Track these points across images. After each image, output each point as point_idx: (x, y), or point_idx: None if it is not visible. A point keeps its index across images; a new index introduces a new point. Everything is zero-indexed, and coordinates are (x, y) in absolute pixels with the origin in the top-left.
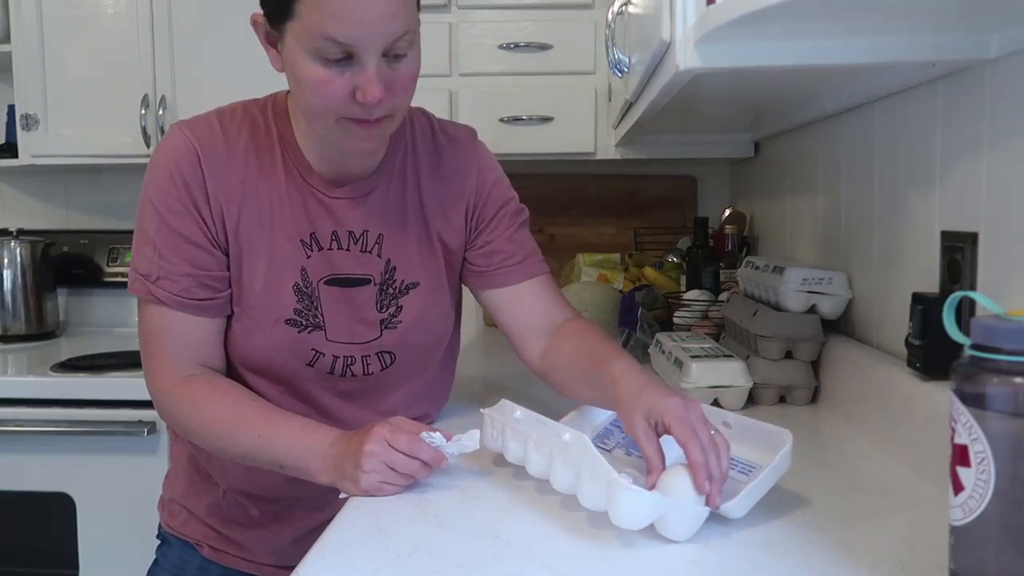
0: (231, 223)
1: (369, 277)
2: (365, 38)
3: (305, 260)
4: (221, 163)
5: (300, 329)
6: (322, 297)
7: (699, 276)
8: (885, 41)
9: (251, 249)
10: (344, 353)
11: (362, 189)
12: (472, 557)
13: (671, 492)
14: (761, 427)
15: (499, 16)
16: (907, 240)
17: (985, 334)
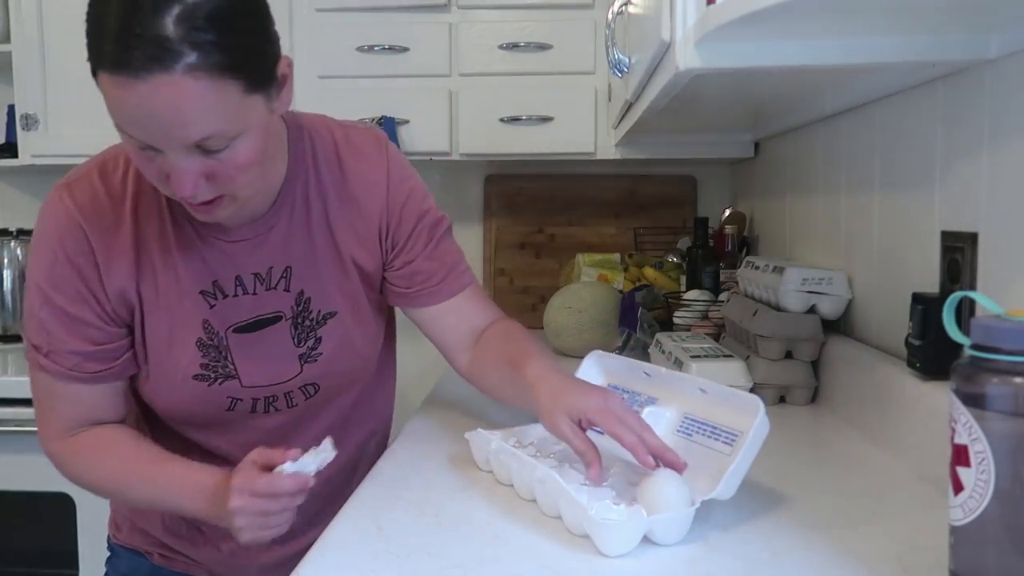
0: (129, 292)
1: (279, 314)
2: (154, 139)
3: (208, 311)
4: (108, 228)
5: (210, 383)
6: (232, 346)
7: (699, 276)
8: (885, 41)
9: (150, 310)
10: (264, 394)
11: (262, 228)
12: (472, 557)
13: (655, 499)
14: (734, 395)
15: (499, 16)
16: (907, 240)
17: (985, 334)
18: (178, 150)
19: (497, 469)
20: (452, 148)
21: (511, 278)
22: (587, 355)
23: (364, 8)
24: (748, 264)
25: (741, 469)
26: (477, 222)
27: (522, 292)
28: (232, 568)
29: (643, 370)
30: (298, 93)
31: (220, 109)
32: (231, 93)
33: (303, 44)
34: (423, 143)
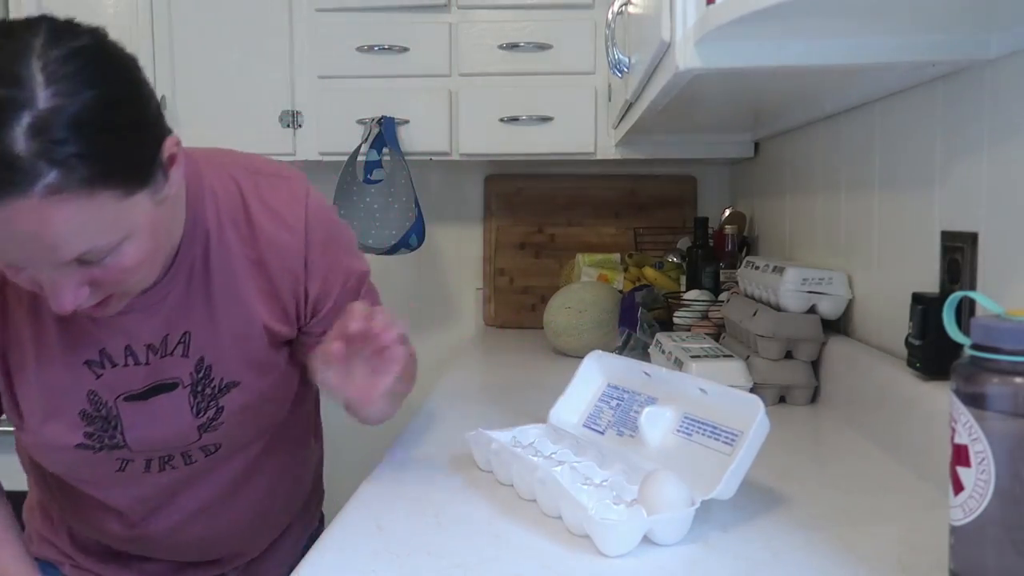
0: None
1: (176, 381)
2: (22, 264)
3: (94, 381)
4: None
5: (96, 451)
6: (122, 415)
7: (699, 276)
8: (885, 41)
9: (19, 380)
10: (158, 455)
11: (155, 296)
12: (472, 557)
13: (655, 499)
14: (734, 395)
15: (499, 16)
16: (907, 240)
17: (985, 334)
18: (50, 269)
19: (497, 469)
20: (452, 148)
21: (511, 278)
22: (587, 355)
23: (364, 8)
24: (748, 264)
25: (741, 469)
26: (477, 222)
27: (522, 292)
28: None
29: (643, 370)
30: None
31: (93, 225)
32: (106, 204)
33: (303, 44)
34: (423, 143)
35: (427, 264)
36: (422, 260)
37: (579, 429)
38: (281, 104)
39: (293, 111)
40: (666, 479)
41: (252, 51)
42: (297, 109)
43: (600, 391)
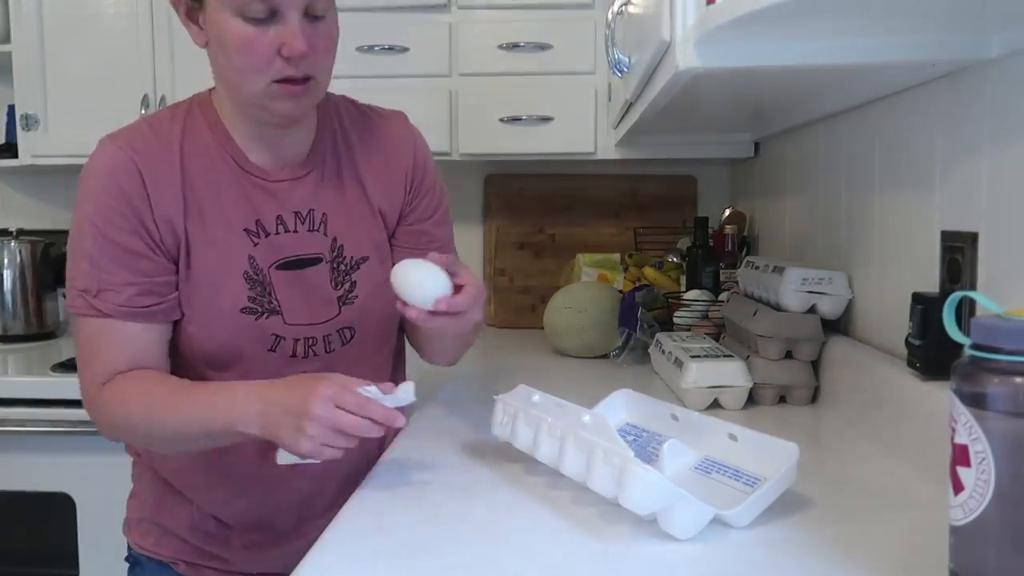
0: (176, 223)
1: (320, 256)
2: None
3: (252, 248)
4: (159, 167)
5: (257, 316)
6: (274, 283)
7: (699, 276)
8: (885, 41)
9: (198, 246)
10: (304, 335)
11: (300, 170)
12: (472, 557)
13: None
14: (768, 441)
15: (499, 16)
16: (907, 240)
17: (985, 334)
18: (297, 9)
19: (523, 429)
20: (452, 148)
21: (511, 278)
22: (616, 391)
23: (364, 8)
24: (748, 264)
25: (761, 503)
26: (477, 222)
27: (522, 292)
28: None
29: (671, 412)
30: None
31: None
32: None
33: None
34: None
35: None
36: None
37: None
38: None
39: None
40: (421, 266)
41: None
42: None
43: (617, 425)
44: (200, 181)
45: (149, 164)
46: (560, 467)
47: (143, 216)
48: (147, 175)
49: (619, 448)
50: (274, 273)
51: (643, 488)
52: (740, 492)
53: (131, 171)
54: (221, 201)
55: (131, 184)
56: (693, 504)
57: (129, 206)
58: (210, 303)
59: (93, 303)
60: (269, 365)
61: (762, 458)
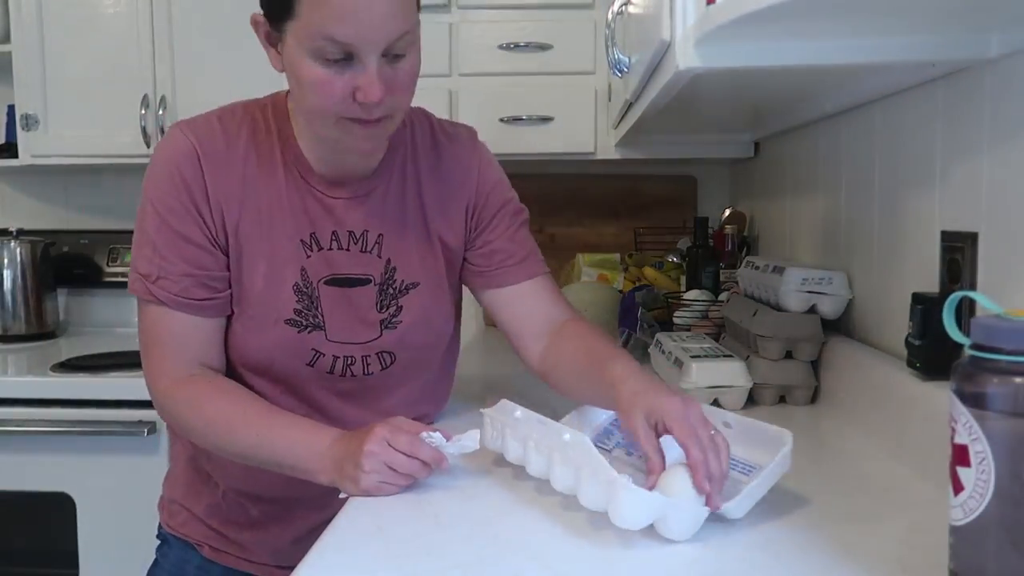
0: (231, 223)
1: (369, 277)
2: (365, 38)
3: (305, 260)
4: (221, 163)
5: (300, 329)
6: (322, 297)
7: (699, 276)
8: (885, 41)
9: (251, 249)
10: (344, 353)
11: (362, 189)
12: (472, 557)
13: (670, 491)
14: (761, 428)
15: (499, 16)
16: (907, 240)
17: (985, 334)
18: (375, 53)
19: (512, 443)
20: None
21: None
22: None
23: None
24: (748, 264)
25: (757, 492)
26: None
27: None
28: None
29: None
30: None
31: (411, 7)
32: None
33: None
34: None
35: None
36: None
37: None
38: None
39: None
40: (686, 473)
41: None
42: None
43: (610, 419)
44: (260, 185)
45: (212, 160)
46: (552, 482)
47: (201, 208)
48: (208, 170)
49: (603, 469)
50: (322, 287)
51: (631, 507)
52: (736, 481)
53: (194, 163)
54: (280, 209)
55: (192, 175)
56: (685, 508)
57: (189, 196)
58: (257, 308)
59: (152, 289)
60: (304, 378)
61: (756, 445)
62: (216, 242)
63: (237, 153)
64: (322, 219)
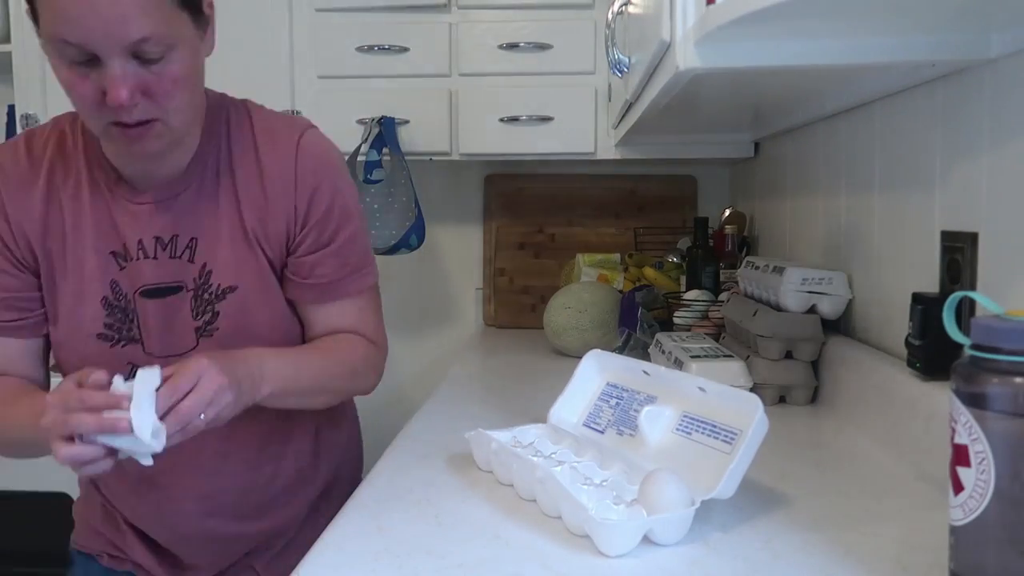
0: (36, 242)
1: (181, 284)
2: (95, 40)
3: (117, 272)
4: (23, 185)
5: (112, 343)
6: (139, 310)
7: (699, 276)
8: (885, 41)
9: (58, 266)
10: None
11: (168, 192)
12: (472, 557)
13: (656, 499)
14: (733, 394)
15: (499, 16)
16: (907, 240)
17: (985, 334)
18: (116, 54)
19: (497, 469)
20: (452, 148)
21: (511, 278)
22: (586, 355)
23: (364, 8)
24: (748, 264)
25: (740, 468)
26: (477, 222)
27: (522, 292)
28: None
29: (642, 369)
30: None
31: (155, 11)
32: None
33: (303, 44)
34: (423, 143)
35: (427, 264)
36: (422, 260)
37: (579, 428)
38: (281, 104)
39: (293, 111)
40: (666, 479)
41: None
42: (297, 109)
43: (599, 390)
44: (65, 202)
45: (12, 183)
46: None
47: (2, 233)
48: (7, 195)
49: (576, 507)
50: (138, 300)
51: (610, 539)
52: (720, 454)
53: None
54: (83, 223)
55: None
56: (671, 517)
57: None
58: (69, 326)
59: None
60: None
61: (732, 409)
62: (21, 264)
63: (40, 173)
64: (129, 228)
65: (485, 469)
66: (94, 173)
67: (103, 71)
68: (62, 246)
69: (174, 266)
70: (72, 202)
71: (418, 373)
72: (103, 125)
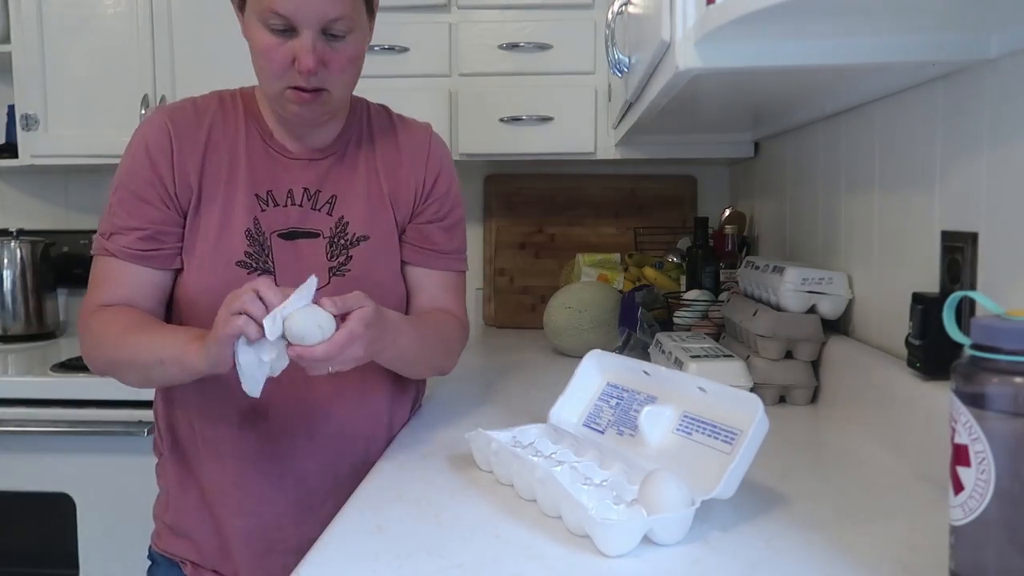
0: (194, 177)
1: (318, 232)
2: (301, 14)
3: (259, 212)
4: (188, 128)
5: (250, 271)
6: (274, 247)
7: (699, 276)
8: (885, 41)
9: (209, 199)
10: None
11: (319, 154)
12: (472, 557)
13: (656, 499)
14: (733, 394)
15: (499, 16)
16: (907, 240)
17: (985, 334)
18: (313, 28)
19: (498, 469)
20: (452, 148)
21: (511, 278)
22: (586, 354)
23: None
24: (748, 264)
25: (741, 468)
26: (477, 222)
27: (522, 292)
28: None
29: (642, 369)
30: None
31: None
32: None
33: None
34: None
35: None
36: None
37: (579, 428)
38: None
39: None
40: (666, 479)
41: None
42: None
43: (600, 390)
44: (223, 144)
45: (179, 127)
46: (540, 507)
47: (161, 167)
48: (175, 134)
49: (577, 507)
50: (274, 239)
51: (609, 539)
52: (721, 454)
53: (162, 129)
54: (238, 164)
55: (158, 140)
56: (671, 517)
57: (150, 158)
58: (211, 251)
59: (104, 244)
60: None
61: (732, 409)
62: (171, 201)
63: (205, 119)
64: (280, 177)
65: (485, 469)
66: (251, 129)
67: (297, 41)
68: (216, 183)
69: (315, 216)
70: (231, 149)
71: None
72: (281, 87)
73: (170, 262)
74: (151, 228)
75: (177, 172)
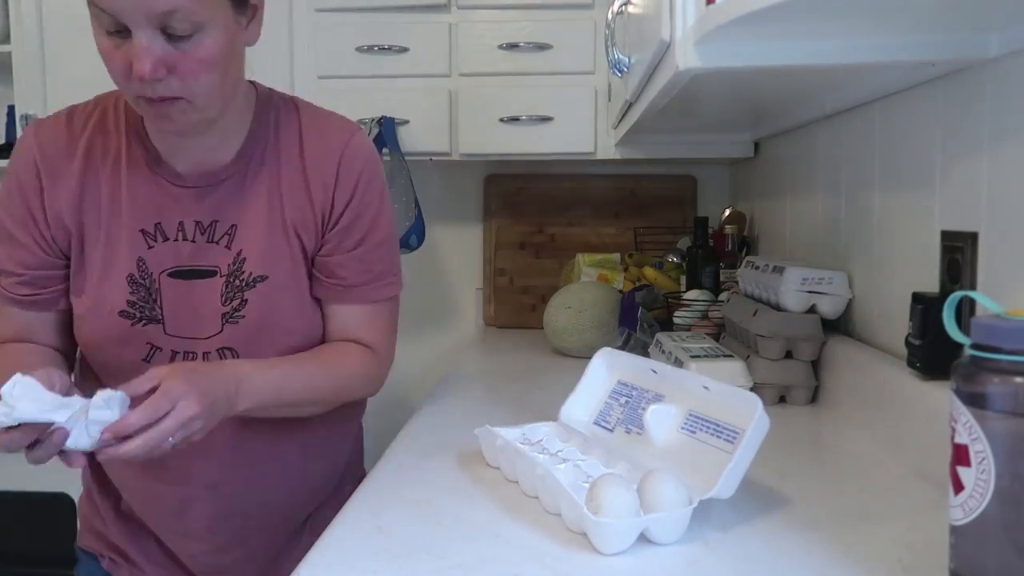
0: (69, 217)
1: (215, 269)
2: (124, 8)
3: (145, 251)
4: (60, 159)
5: (134, 322)
6: (163, 289)
7: (699, 276)
8: (885, 41)
9: (91, 239)
10: (184, 348)
11: (214, 178)
12: (472, 557)
13: (653, 499)
14: (734, 393)
15: (499, 16)
16: (907, 240)
17: (985, 334)
18: (143, 25)
19: (503, 465)
20: (452, 148)
21: (511, 278)
22: (597, 353)
23: (364, 8)
24: (748, 264)
25: (740, 468)
26: (477, 222)
27: (522, 292)
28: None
29: (650, 367)
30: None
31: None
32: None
33: (303, 44)
34: (423, 143)
35: (427, 264)
36: (422, 260)
37: (589, 427)
38: None
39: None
40: (664, 479)
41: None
42: None
43: (610, 388)
44: (102, 177)
45: (49, 160)
46: (542, 503)
47: (33, 207)
48: (44, 170)
49: (574, 505)
50: (164, 280)
51: (604, 537)
52: (722, 453)
53: (30, 166)
54: (121, 198)
55: (27, 178)
56: (667, 516)
57: (22, 195)
58: (94, 301)
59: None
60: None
61: (734, 408)
62: (46, 244)
63: (77, 148)
64: (169, 209)
65: (493, 465)
66: (134, 151)
67: (132, 43)
68: (96, 219)
69: (211, 251)
70: (110, 178)
71: (418, 373)
72: (133, 97)
73: (55, 304)
74: (28, 275)
75: (50, 214)
